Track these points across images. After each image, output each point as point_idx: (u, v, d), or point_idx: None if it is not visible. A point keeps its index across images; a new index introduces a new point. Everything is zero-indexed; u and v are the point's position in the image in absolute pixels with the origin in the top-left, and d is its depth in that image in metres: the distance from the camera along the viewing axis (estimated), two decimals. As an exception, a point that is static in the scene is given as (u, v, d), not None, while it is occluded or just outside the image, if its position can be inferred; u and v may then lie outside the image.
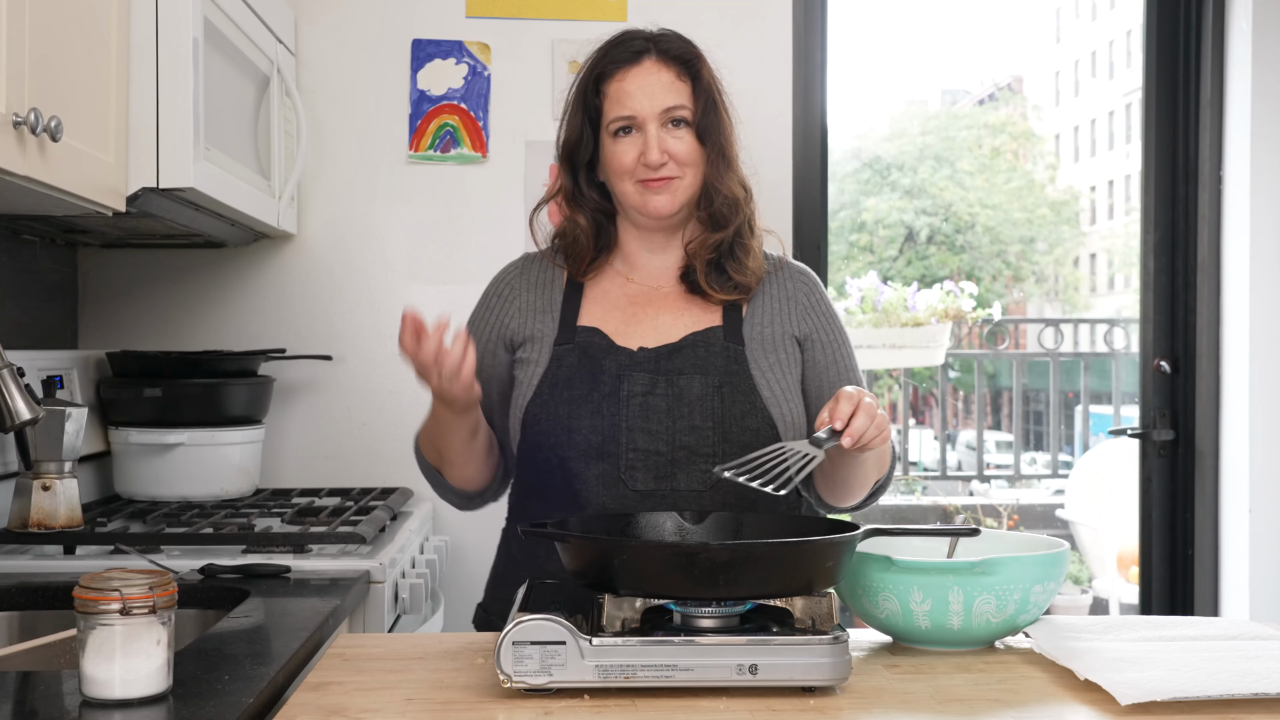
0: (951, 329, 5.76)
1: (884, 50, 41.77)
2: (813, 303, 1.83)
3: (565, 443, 1.71)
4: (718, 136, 1.76)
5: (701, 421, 1.70)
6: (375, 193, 2.84)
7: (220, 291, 2.81)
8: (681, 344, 1.74)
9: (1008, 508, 8.02)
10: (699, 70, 1.77)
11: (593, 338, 1.75)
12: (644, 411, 1.70)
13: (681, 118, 1.74)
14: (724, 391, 1.71)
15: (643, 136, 1.73)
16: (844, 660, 1.31)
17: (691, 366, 1.72)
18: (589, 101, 1.76)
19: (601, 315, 1.78)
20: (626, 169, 1.73)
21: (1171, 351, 3.20)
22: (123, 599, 1.20)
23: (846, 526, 1.45)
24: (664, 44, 1.77)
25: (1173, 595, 3.23)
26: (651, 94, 1.73)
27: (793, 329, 1.80)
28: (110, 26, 1.87)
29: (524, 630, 1.29)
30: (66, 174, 1.68)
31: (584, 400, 1.71)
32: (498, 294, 1.85)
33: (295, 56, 2.79)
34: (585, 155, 1.78)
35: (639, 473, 1.69)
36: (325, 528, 2.12)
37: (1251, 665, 1.37)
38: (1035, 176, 26.22)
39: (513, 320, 1.81)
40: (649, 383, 1.71)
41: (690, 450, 1.69)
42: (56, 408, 2.04)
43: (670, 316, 1.78)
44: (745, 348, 1.75)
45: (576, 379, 1.72)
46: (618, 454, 1.69)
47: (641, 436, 1.69)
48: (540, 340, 1.78)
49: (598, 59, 1.78)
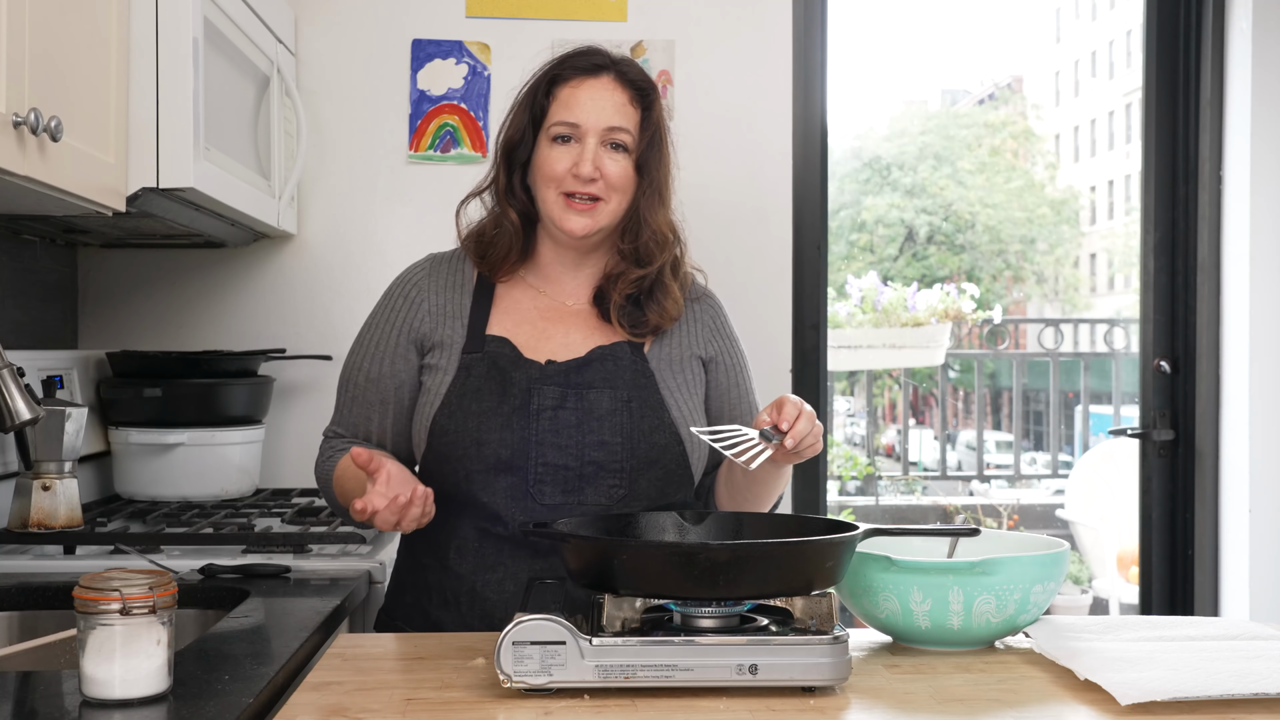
0: (951, 329, 5.76)
1: (884, 50, 41.78)
2: (717, 326, 1.85)
3: (473, 455, 1.68)
4: (656, 172, 1.75)
5: (610, 437, 1.69)
6: (375, 193, 2.84)
7: (220, 291, 2.81)
8: (589, 358, 1.73)
9: (1008, 508, 8.03)
10: (652, 102, 1.76)
11: (502, 348, 1.73)
12: (554, 426, 1.68)
13: (623, 142, 1.72)
14: (632, 406, 1.71)
15: (580, 147, 1.71)
16: (844, 660, 1.31)
17: (600, 380, 1.71)
18: (537, 101, 1.75)
19: (512, 326, 1.76)
20: (556, 176, 1.72)
21: (1171, 351, 3.20)
22: (123, 599, 1.20)
23: (846, 526, 1.45)
24: (625, 67, 1.76)
25: (1173, 595, 3.23)
26: (600, 108, 1.72)
27: (699, 350, 1.81)
28: (110, 26, 1.87)
29: (524, 630, 1.29)
30: (66, 174, 1.68)
31: (493, 413, 1.69)
32: (404, 295, 1.82)
33: (295, 56, 2.79)
34: (523, 155, 1.77)
35: (547, 487, 1.68)
36: (325, 528, 2.13)
37: (1251, 665, 1.37)
38: (1035, 176, 26.22)
39: (422, 323, 1.78)
40: (559, 396, 1.69)
41: (598, 465, 1.68)
42: (56, 408, 2.04)
43: (580, 335, 1.77)
44: (651, 364, 1.75)
45: (485, 390, 1.70)
46: (526, 468, 1.68)
47: (551, 451, 1.68)
48: (448, 346, 1.76)
49: (557, 62, 1.77)
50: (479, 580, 1.69)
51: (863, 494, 8.63)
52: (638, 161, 1.73)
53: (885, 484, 8.86)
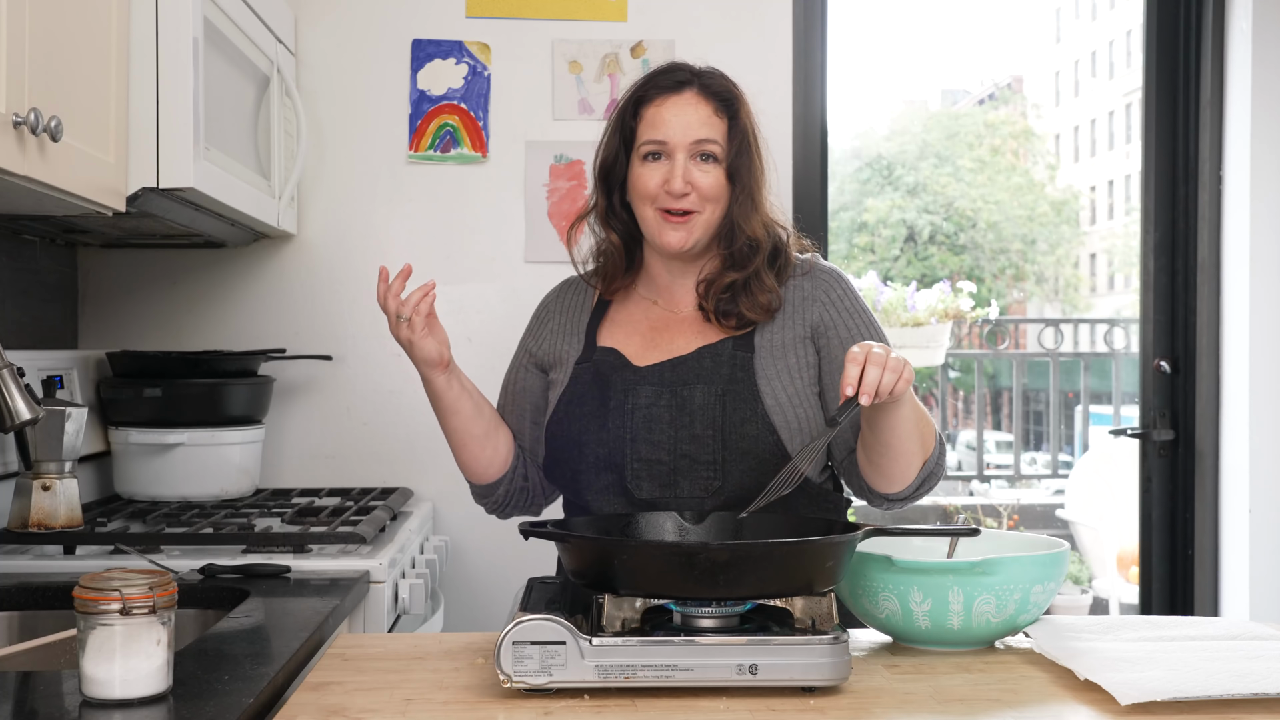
0: (951, 329, 5.76)
1: (884, 50, 41.79)
2: (832, 299, 1.81)
3: (577, 457, 1.76)
4: (747, 178, 1.78)
5: (702, 430, 1.72)
6: (375, 193, 2.84)
7: (220, 291, 2.81)
8: (689, 356, 1.77)
9: (1008, 508, 8.03)
10: (737, 110, 1.79)
11: (609, 357, 1.79)
12: (647, 422, 1.73)
13: (711, 153, 1.76)
14: (726, 399, 1.72)
15: (670, 164, 1.75)
16: (844, 660, 1.31)
17: (696, 377, 1.74)
18: (626, 123, 1.80)
19: (623, 338, 1.83)
20: (650, 193, 1.76)
21: (1171, 351, 3.20)
22: (123, 599, 1.20)
23: (846, 526, 1.45)
24: (707, 79, 1.80)
25: (1173, 595, 3.23)
26: (686, 123, 1.75)
27: (805, 329, 1.79)
28: (110, 26, 1.87)
29: (524, 630, 1.29)
30: (66, 174, 1.68)
31: (594, 416, 1.76)
32: (537, 318, 1.93)
33: (295, 56, 2.79)
34: (619, 176, 1.81)
35: (644, 481, 1.73)
36: (325, 528, 2.12)
37: (1251, 665, 1.37)
38: (1035, 176, 26.22)
39: (545, 343, 1.88)
40: (654, 395, 1.74)
41: (691, 458, 1.71)
42: (56, 408, 2.04)
43: (686, 339, 1.80)
44: (754, 355, 1.76)
45: (589, 396, 1.77)
46: (623, 465, 1.73)
47: (645, 447, 1.73)
48: (566, 361, 1.84)
49: (641, 83, 1.81)
50: None
51: (863, 494, 8.62)
52: (728, 170, 1.77)
53: (885, 484, 8.82)
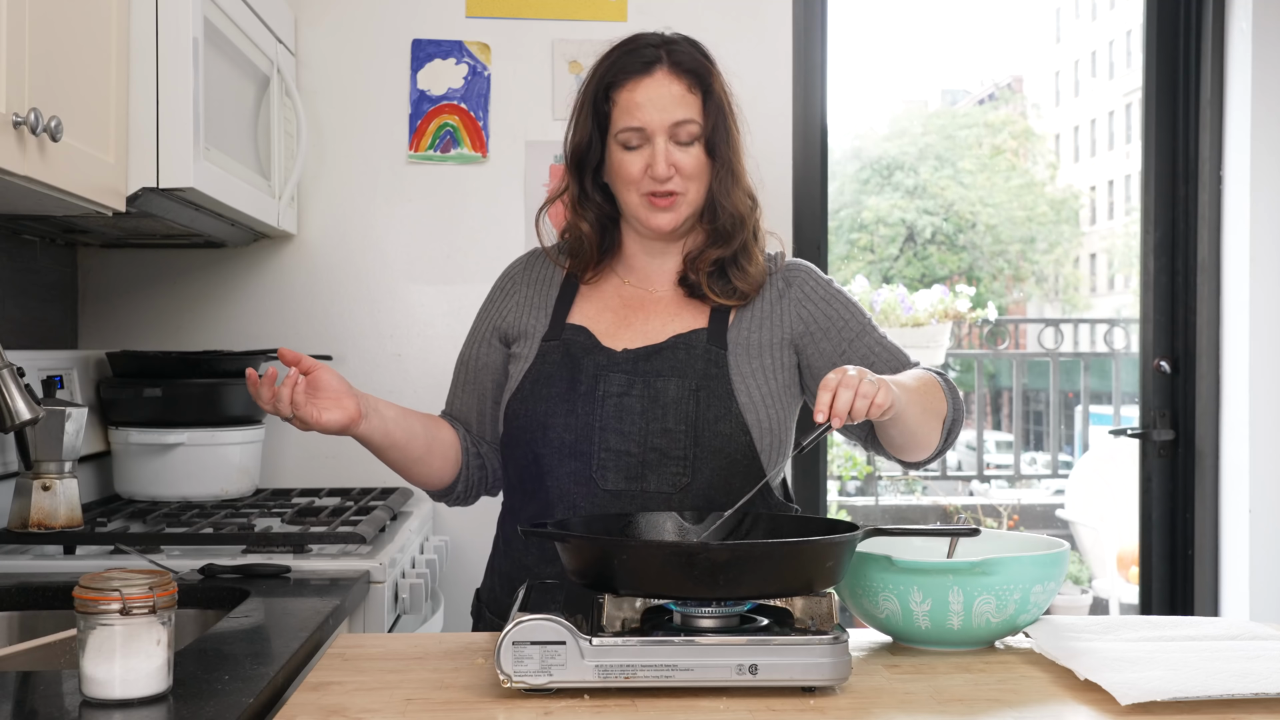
0: (951, 329, 5.76)
1: (884, 50, 41.78)
2: (807, 293, 1.80)
3: (540, 439, 1.71)
4: (726, 151, 1.75)
5: (675, 424, 1.68)
6: (375, 193, 2.84)
7: (220, 291, 2.81)
8: (663, 346, 1.73)
9: (1008, 508, 8.03)
10: (710, 83, 1.75)
11: (578, 336, 1.76)
12: (618, 412, 1.69)
13: (690, 133, 1.73)
14: (700, 395, 1.70)
15: (650, 149, 1.72)
16: (844, 660, 1.31)
17: (670, 369, 1.71)
18: (599, 107, 1.76)
19: (594, 315, 1.79)
20: (633, 180, 1.73)
21: (1171, 351, 3.20)
22: (123, 599, 1.20)
23: (846, 526, 1.45)
24: (676, 54, 1.75)
25: (1173, 595, 3.23)
26: (662, 107, 1.72)
27: (784, 331, 1.77)
28: (110, 26, 1.87)
29: (524, 630, 1.29)
30: (66, 174, 1.68)
31: (561, 399, 1.71)
32: (500, 288, 1.87)
33: (295, 56, 2.79)
34: (593, 160, 1.78)
35: (610, 472, 1.68)
36: (325, 528, 2.12)
37: (1251, 665, 1.37)
38: (1035, 176, 26.22)
39: (509, 314, 1.83)
40: (625, 383, 1.70)
41: (661, 452, 1.68)
42: (56, 408, 2.04)
43: (660, 320, 1.77)
44: (728, 352, 1.74)
45: (557, 376, 1.73)
46: (590, 453, 1.69)
47: (614, 437, 1.69)
48: (531, 336, 1.79)
49: (609, 66, 1.76)
50: (544, 570, 1.69)
51: (862, 494, 8.64)
52: (707, 146, 1.74)
53: (885, 484, 8.86)
